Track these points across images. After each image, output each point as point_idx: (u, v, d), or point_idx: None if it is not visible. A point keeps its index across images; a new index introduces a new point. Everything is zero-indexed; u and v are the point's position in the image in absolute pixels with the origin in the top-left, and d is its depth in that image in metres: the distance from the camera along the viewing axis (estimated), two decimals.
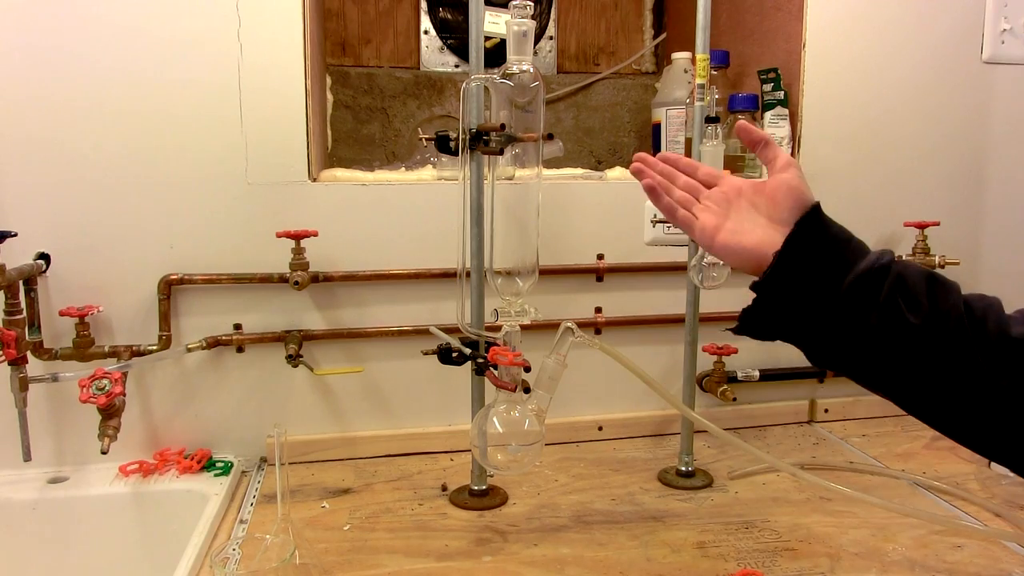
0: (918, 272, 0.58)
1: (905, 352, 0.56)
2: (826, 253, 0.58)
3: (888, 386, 0.59)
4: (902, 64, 1.18)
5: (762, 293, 0.60)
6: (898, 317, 0.55)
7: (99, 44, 0.94)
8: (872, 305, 0.56)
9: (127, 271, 0.98)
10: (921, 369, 0.56)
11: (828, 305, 0.57)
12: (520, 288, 0.88)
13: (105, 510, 0.94)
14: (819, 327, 0.58)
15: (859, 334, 0.56)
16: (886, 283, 0.56)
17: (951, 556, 0.80)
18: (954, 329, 0.55)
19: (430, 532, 0.86)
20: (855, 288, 0.56)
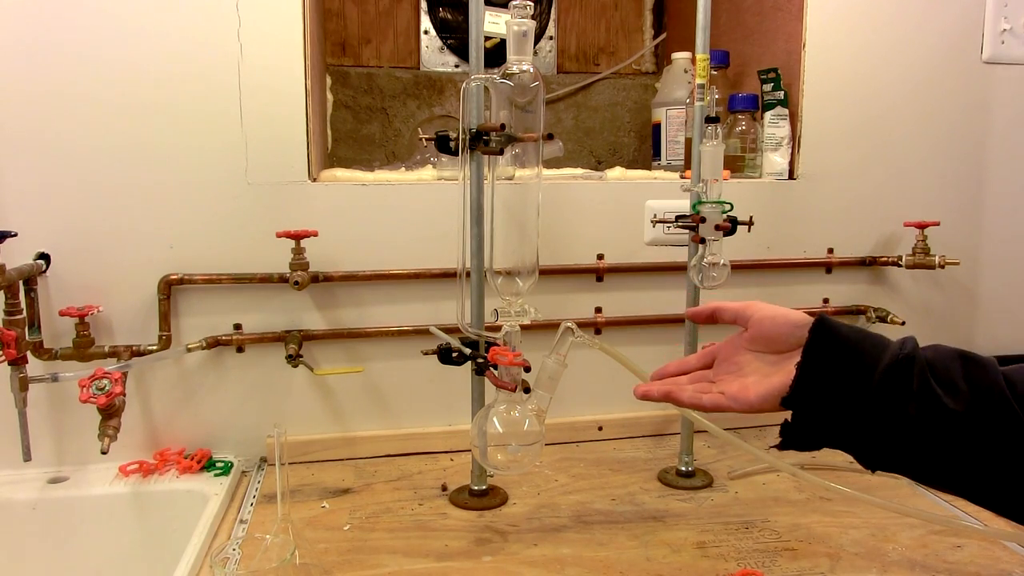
0: (948, 353, 0.56)
1: (951, 440, 0.53)
2: (846, 353, 0.57)
3: (945, 478, 0.56)
4: (902, 64, 1.18)
5: (795, 407, 0.58)
6: (936, 404, 0.53)
7: (99, 44, 0.94)
8: (907, 396, 0.54)
9: (127, 271, 0.98)
10: (972, 456, 0.53)
11: (862, 406, 0.55)
12: (520, 288, 0.88)
13: (105, 510, 0.94)
14: (858, 429, 0.56)
15: (900, 428, 0.54)
16: (915, 371, 0.54)
17: (951, 556, 0.80)
18: (999, 408, 0.53)
19: (430, 532, 0.86)
20: (885, 382, 0.54)
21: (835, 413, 0.56)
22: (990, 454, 0.53)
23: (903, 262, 1.16)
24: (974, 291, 1.26)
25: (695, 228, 0.92)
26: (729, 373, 0.66)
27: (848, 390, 0.55)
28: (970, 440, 0.53)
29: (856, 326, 0.60)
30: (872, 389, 0.55)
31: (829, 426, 0.57)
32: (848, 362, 0.56)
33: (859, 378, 0.55)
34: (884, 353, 0.56)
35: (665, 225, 1.09)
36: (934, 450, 0.54)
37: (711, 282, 0.93)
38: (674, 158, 1.27)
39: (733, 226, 0.91)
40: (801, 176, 1.17)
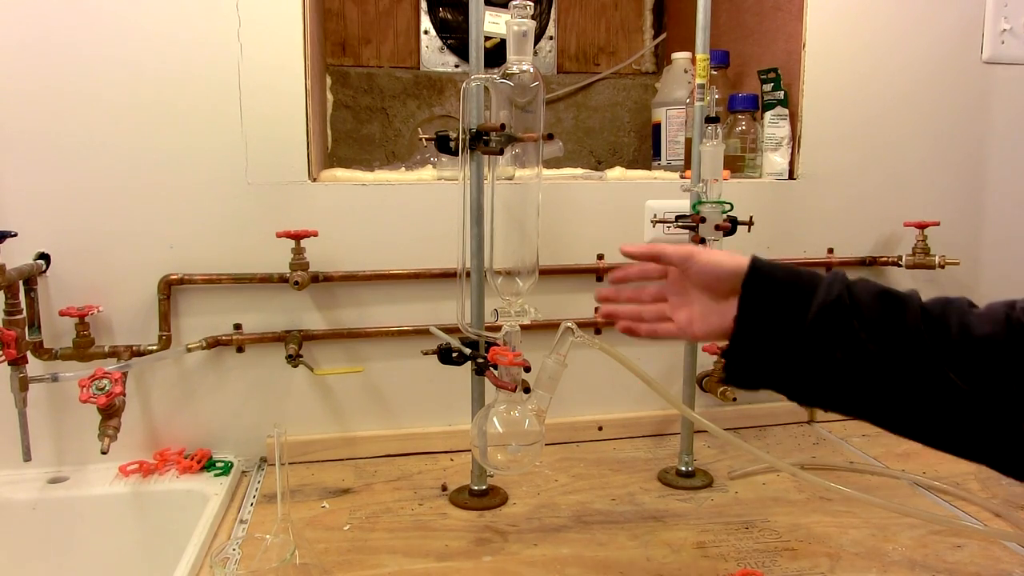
0: (871, 293, 0.59)
1: (875, 380, 0.57)
2: (777, 303, 0.60)
3: (869, 414, 0.60)
4: (902, 64, 1.18)
5: (733, 353, 0.62)
6: (860, 348, 0.57)
7: (99, 44, 0.94)
8: (834, 342, 0.58)
9: (127, 271, 0.98)
10: (892, 392, 0.57)
11: (794, 352, 0.59)
12: (520, 288, 0.88)
13: (105, 510, 0.94)
14: (791, 372, 0.60)
15: (829, 371, 0.58)
16: (841, 316, 0.58)
17: (951, 556, 0.80)
18: (913, 345, 0.56)
19: (430, 532, 0.86)
20: (814, 329, 0.58)
21: (769, 359, 0.61)
22: (906, 389, 0.56)
23: (903, 262, 1.16)
24: (974, 291, 1.26)
25: (695, 228, 0.92)
26: (679, 297, 0.70)
27: (780, 338, 0.60)
28: (888, 378, 0.57)
29: (791, 267, 0.63)
30: (802, 336, 0.59)
31: (764, 370, 0.61)
32: (780, 311, 0.60)
33: (790, 327, 0.59)
34: (814, 299, 0.59)
35: (665, 225, 1.09)
36: (861, 389, 0.58)
37: None
38: (674, 158, 1.27)
39: (733, 226, 0.91)
40: (801, 176, 1.17)
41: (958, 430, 0.57)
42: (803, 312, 0.59)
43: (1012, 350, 0.53)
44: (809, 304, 0.59)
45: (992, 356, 0.54)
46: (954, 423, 0.56)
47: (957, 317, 0.56)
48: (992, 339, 0.54)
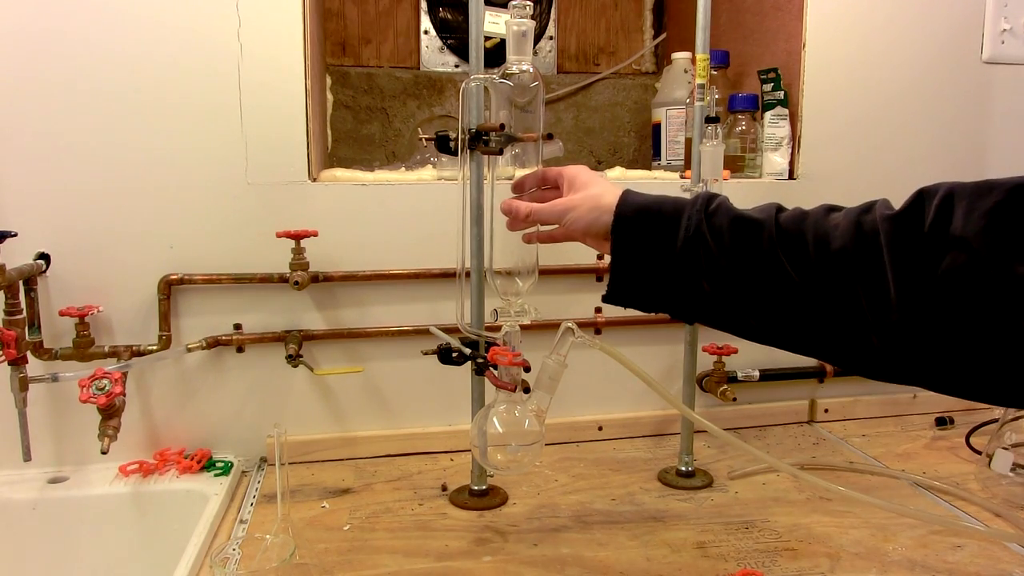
0: (727, 219, 0.63)
1: (739, 302, 0.63)
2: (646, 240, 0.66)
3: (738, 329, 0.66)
4: (902, 64, 1.18)
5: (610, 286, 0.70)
6: (722, 275, 0.62)
7: (99, 44, 0.94)
8: (699, 273, 0.64)
9: (127, 271, 0.98)
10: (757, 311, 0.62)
11: (665, 282, 0.66)
12: (520, 288, 0.88)
13: (105, 510, 0.94)
14: (665, 299, 0.68)
15: (699, 297, 0.65)
16: (702, 248, 0.63)
17: (951, 556, 0.80)
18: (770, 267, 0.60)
19: (430, 532, 0.86)
20: (680, 263, 0.64)
21: (643, 291, 0.68)
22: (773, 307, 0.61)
23: None
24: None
25: None
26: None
27: (650, 275, 0.67)
28: (754, 299, 0.62)
29: (653, 202, 0.68)
30: (670, 272, 0.65)
31: (640, 299, 0.69)
32: (646, 252, 0.66)
33: (658, 265, 0.66)
34: (677, 237, 0.64)
35: None
36: (729, 310, 0.64)
37: None
38: (674, 158, 1.27)
39: None
40: (801, 176, 1.17)
41: (813, 336, 0.60)
42: (670, 249, 0.64)
43: (864, 258, 0.56)
44: (675, 241, 0.64)
45: (846, 268, 0.57)
46: (809, 330, 0.60)
47: (813, 230, 0.60)
48: (845, 250, 0.57)
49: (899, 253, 0.54)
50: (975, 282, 0.50)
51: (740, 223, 0.62)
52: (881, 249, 0.55)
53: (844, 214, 0.60)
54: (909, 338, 0.54)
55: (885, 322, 0.54)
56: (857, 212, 0.59)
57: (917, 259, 0.53)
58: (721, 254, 0.62)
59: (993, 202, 0.50)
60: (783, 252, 0.60)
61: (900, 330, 0.54)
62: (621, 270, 0.68)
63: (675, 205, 0.66)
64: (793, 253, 0.59)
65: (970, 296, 0.50)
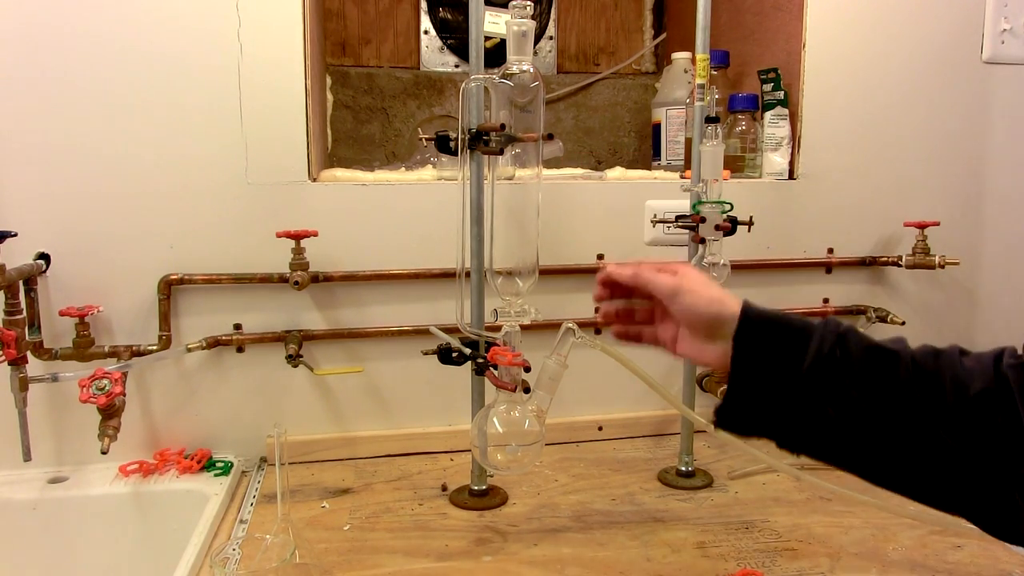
0: (861, 347, 0.58)
1: (864, 436, 0.57)
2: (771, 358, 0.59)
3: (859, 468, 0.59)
4: (902, 64, 1.18)
5: (728, 406, 0.61)
6: (851, 405, 0.56)
7: (99, 44, 0.94)
8: (827, 398, 0.57)
9: (127, 271, 0.98)
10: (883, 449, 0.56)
11: (787, 407, 0.58)
12: (520, 288, 0.88)
13: (105, 510, 0.94)
14: (784, 423, 0.59)
15: (821, 426, 0.58)
16: (834, 372, 0.57)
17: (951, 556, 0.80)
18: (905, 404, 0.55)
19: (430, 532, 0.86)
20: (808, 384, 0.57)
21: (762, 411, 0.60)
22: (902, 448, 0.55)
23: (903, 262, 1.16)
24: (974, 291, 1.26)
25: (695, 228, 0.92)
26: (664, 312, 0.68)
27: (773, 392, 0.58)
28: (883, 436, 0.56)
29: (781, 315, 0.61)
30: (795, 391, 0.57)
31: (756, 421, 0.61)
32: (773, 364, 0.58)
33: (784, 380, 0.58)
34: (807, 353, 0.58)
35: (665, 225, 1.09)
36: (852, 444, 0.57)
37: None
38: (674, 158, 1.27)
39: (733, 226, 0.91)
40: (801, 176, 1.17)
41: (948, 487, 0.55)
42: (797, 366, 0.58)
43: (1003, 405, 0.52)
44: (803, 358, 0.58)
45: (986, 414, 0.53)
46: (944, 480, 0.55)
47: (950, 371, 0.55)
48: (985, 395, 0.53)
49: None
50: None
51: (875, 351, 0.57)
52: (1014, 399, 0.52)
53: (977, 359, 0.56)
54: None
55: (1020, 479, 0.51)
56: (992, 357, 0.55)
57: None
58: (853, 380, 0.56)
59: None
60: (919, 388, 0.55)
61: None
62: (741, 383, 0.60)
63: (802, 321, 0.60)
64: (929, 390, 0.55)
65: None
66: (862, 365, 0.56)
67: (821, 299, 1.20)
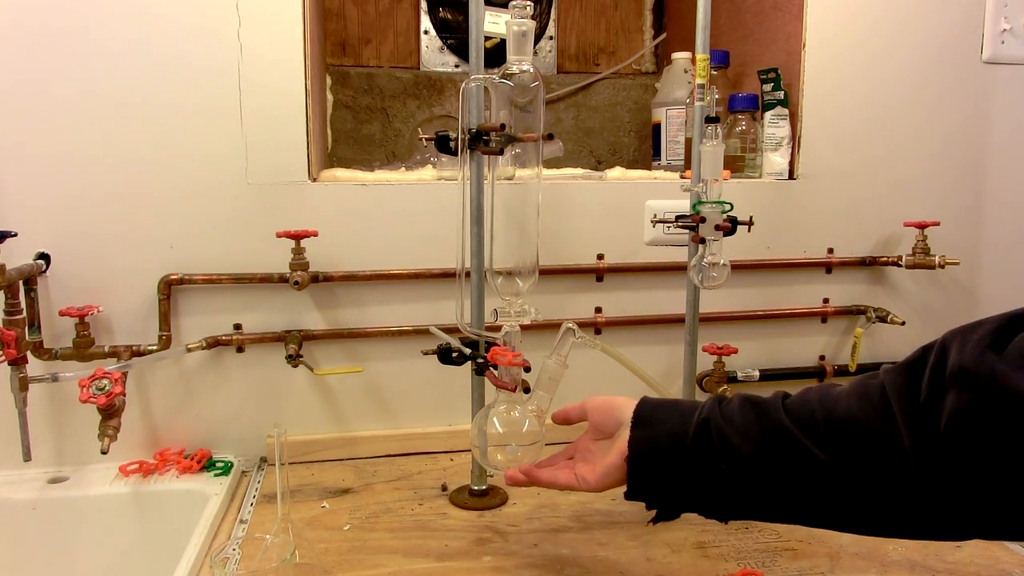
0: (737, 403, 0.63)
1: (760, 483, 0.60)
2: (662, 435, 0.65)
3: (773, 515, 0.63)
4: (902, 64, 1.18)
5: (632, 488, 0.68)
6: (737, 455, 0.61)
7: (98, 44, 0.94)
8: (715, 455, 0.62)
9: (127, 271, 0.98)
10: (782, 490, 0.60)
11: (685, 470, 0.63)
12: (520, 288, 0.88)
13: (105, 510, 0.94)
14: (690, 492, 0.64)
15: (721, 484, 0.62)
16: (713, 431, 0.62)
17: (951, 556, 0.80)
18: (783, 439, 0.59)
19: (430, 532, 0.86)
20: (695, 447, 0.63)
21: (664, 483, 0.65)
22: (796, 484, 0.59)
23: (903, 262, 1.16)
24: (974, 291, 1.26)
25: (695, 228, 0.92)
26: (584, 461, 0.75)
27: (669, 463, 0.64)
28: (776, 477, 0.59)
29: (670, 401, 0.69)
30: (687, 456, 0.63)
31: (665, 492, 0.66)
32: (664, 439, 0.65)
33: (675, 451, 0.64)
34: (691, 421, 0.64)
35: (665, 225, 1.09)
36: (755, 494, 0.61)
37: (711, 282, 0.93)
38: (674, 158, 1.27)
39: (733, 226, 0.91)
40: (801, 176, 1.17)
41: (851, 509, 0.58)
42: (683, 435, 0.63)
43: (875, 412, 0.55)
44: (688, 427, 0.63)
45: (854, 429, 0.56)
46: (843, 503, 0.57)
47: (819, 400, 0.59)
48: (852, 413, 0.56)
49: (905, 404, 0.53)
50: (981, 411, 0.48)
51: (748, 401, 0.63)
52: (889, 404, 0.54)
53: (849, 383, 0.59)
54: (934, 487, 0.52)
55: (905, 474, 0.53)
56: (861, 378, 0.59)
57: (923, 407, 0.52)
58: (732, 431, 0.61)
59: (985, 331, 0.50)
60: (791, 419, 0.59)
61: (922, 480, 0.52)
62: (637, 462, 0.66)
63: (689, 401, 0.68)
64: (801, 420, 0.59)
65: (980, 428, 0.48)
66: (738, 415, 0.62)
67: (821, 299, 1.20)
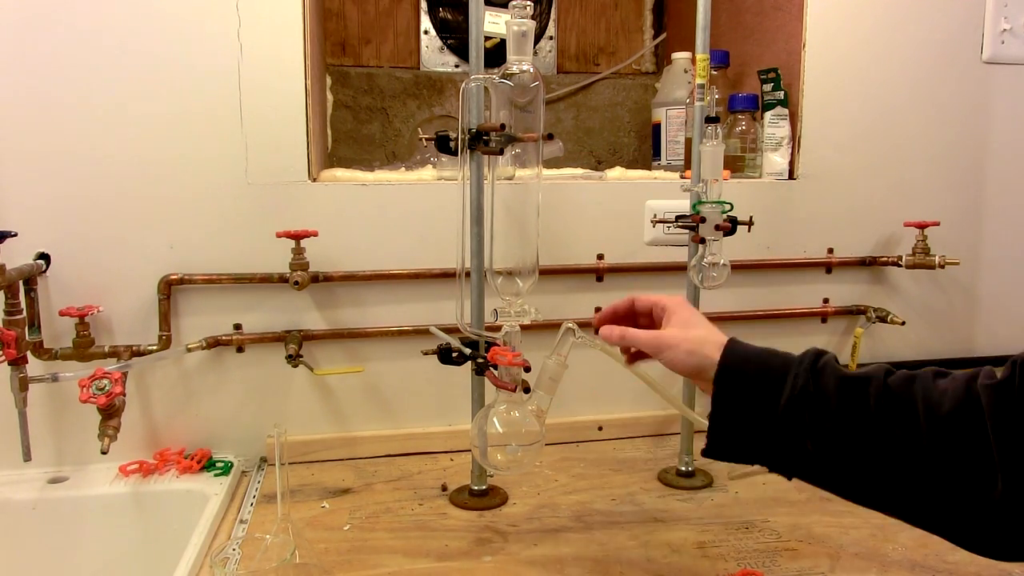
0: (835, 380, 0.60)
1: (844, 465, 0.60)
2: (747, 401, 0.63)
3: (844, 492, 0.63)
4: (902, 64, 1.18)
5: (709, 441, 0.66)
6: (828, 438, 0.59)
7: (98, 44, 0.94)
8: (803, 434, 0.60)
9: (127, 271, 0.98)
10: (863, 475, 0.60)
11: (768, 441, 0.62)
12: (520, 288, 0.88)
13: (105, 510, 0.94)
14: (766, 456, 0.63)
15: (802, 457, 0.61)
16: (808, 409, 0.60)
17: (951, 556, 0.80)
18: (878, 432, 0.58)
19: (430, 532, 0.86)
20: (784, 423, 0.60)
21: (743, 447, 0.64)
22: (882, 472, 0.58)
23: (903, 262, 1.16)
24: (974, 291, 1.26)
25: (695, 228, 0.92)
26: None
27: (752, 432, 0.62)
28: (861, 463, 0.59)
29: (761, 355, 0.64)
30: (773, 430, 0.61)
31: (740, 454, 0.64)
32: (750, 408, 0.62)
33: (761, 422, 0.62)
34: (782, 393, 0.61)
35: (665, 225, 1.09)
36: (833, 472, 0.61)
37: (711, 282, 0.93)
38: (674, 158, 1.27)
39: (733, 226, 0.91)
40: (801, 176, 1.17)
41: (926, 507, 0.57)
42: (773, 407, 0.61)
43: (973, 424, 0.54)
44: (779, 399, 0.61)
45: (957, 434, 0.55)
46: (922, 500, 0.57)
47: (923, 395, 0.57)
48: (955, 415, 0.55)
49: (999, 423, 0.53)
50: None
51: (848, 383, 0.60)
52: (984, 418, 0.53)
53: (951, 380, 0.58)
54: (1014, 515, 0.52)
55: (990, 497, 0.53)
56: (965, 379, 0.57)
57: (1015, 429, 0.52)
58: (827, 415, 0.59)
59: None
60: (891, 413, 0.57)
61: (1004, 507, 0.52)
62: (721, 424, 0.64)
63: (783, 360, 0.63)
64: (902, 417, 0.57)
65: None
66: (836, 399, 0.59)
67: (821, 299, 1.20)
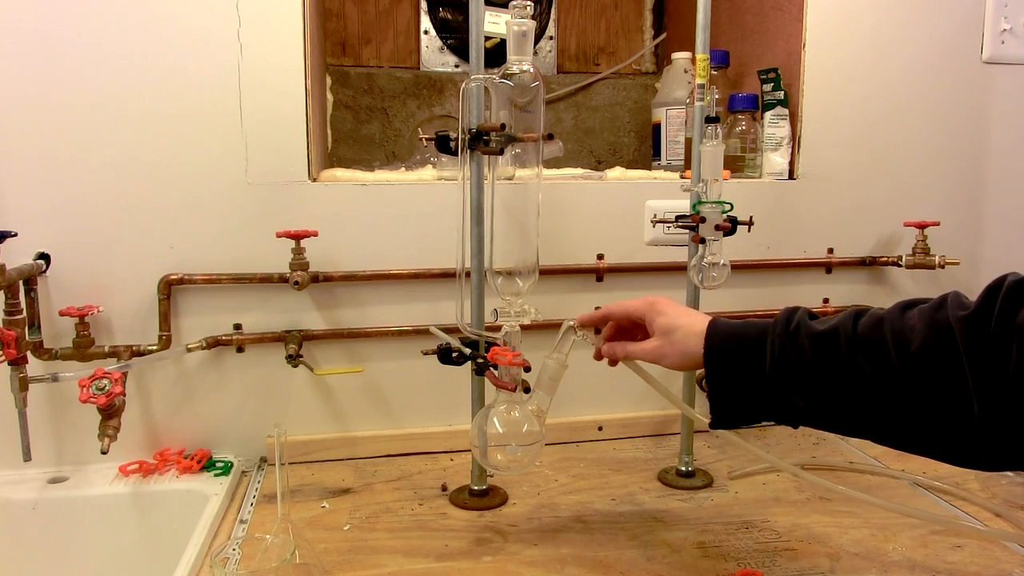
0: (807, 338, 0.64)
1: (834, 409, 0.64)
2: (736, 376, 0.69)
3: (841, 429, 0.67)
4: (902, 64, 1.18)
5: (713, 416, 0.72)
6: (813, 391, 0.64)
7: (98, 44, 0.94)
8: (792, 393, 0.66)
9: (127, 271, 0.98)
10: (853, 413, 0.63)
11: (762, 405, 0.68)
12: (520, 288, 0.88)
13: (105, 510, 0.94)
14: (766, 415, 0.69)
15: (796, 412, 0.67)
16: (789, 374, 0.65)
17: (951, 556, 0.80)
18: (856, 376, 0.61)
19: (430, 532, 0.86)
20: (771, 390, 0.66)
21: (742, 413, 0.70)
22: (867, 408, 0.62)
23: (903, 262, 1.16)
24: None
25: (695, 228, 0.92)
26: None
27: (747, 401, 0.69)
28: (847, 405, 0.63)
29: (738, 329, 0.70)
30: (766, 394, 0.67)
31: (742, 419, 0.71)
32: (740, 381, 0.68)
33: (754, 390, 0.68)
34: (764, 363, 0.66)
35: (665, 225, 1.09)
36: (828, 415, 0.66)
37: (711, 282, 0.93)
38: (674, 158, 1.27)
39: (733, 226, 0.91)
40: (801, 176, 1.17)
41: (911, 433, 0.61)
42: (759, 376, 0.67)
43: (945, 357, 0.57)
44: (763, 367, 0.66)
45: (928, 368, 0.57)
46: (906, 428, 0.60)
47: (891, 334, 0.60)
48: (925, 351, 0.58)
49: (973, 352, 0.55)
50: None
51: (820, 340, 0.64)
52: (958, 348, 0.56)
53: (919, 313, 0.60)
54: (994, 434, 0.55)
55: (968, 420, 0.56)
56: (930, 310, 0.60)
57: (989, 356, 0.54)
58: (807, 372, 0.64)
59: None
60: (864, 359, 0.61)
61: (984, 428, 0.55)
62: (720, 398, 0.70)
63: (758, 329, 0.68)
64: (875, 358, 0.60)
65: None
66: (812, 358, 0.64)
67: (821, 299, 1.20)
